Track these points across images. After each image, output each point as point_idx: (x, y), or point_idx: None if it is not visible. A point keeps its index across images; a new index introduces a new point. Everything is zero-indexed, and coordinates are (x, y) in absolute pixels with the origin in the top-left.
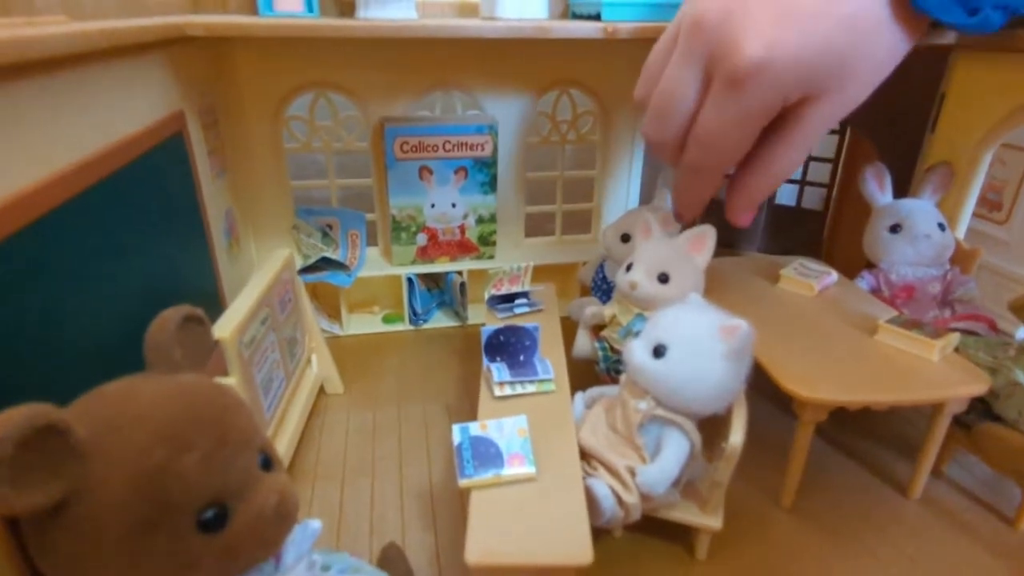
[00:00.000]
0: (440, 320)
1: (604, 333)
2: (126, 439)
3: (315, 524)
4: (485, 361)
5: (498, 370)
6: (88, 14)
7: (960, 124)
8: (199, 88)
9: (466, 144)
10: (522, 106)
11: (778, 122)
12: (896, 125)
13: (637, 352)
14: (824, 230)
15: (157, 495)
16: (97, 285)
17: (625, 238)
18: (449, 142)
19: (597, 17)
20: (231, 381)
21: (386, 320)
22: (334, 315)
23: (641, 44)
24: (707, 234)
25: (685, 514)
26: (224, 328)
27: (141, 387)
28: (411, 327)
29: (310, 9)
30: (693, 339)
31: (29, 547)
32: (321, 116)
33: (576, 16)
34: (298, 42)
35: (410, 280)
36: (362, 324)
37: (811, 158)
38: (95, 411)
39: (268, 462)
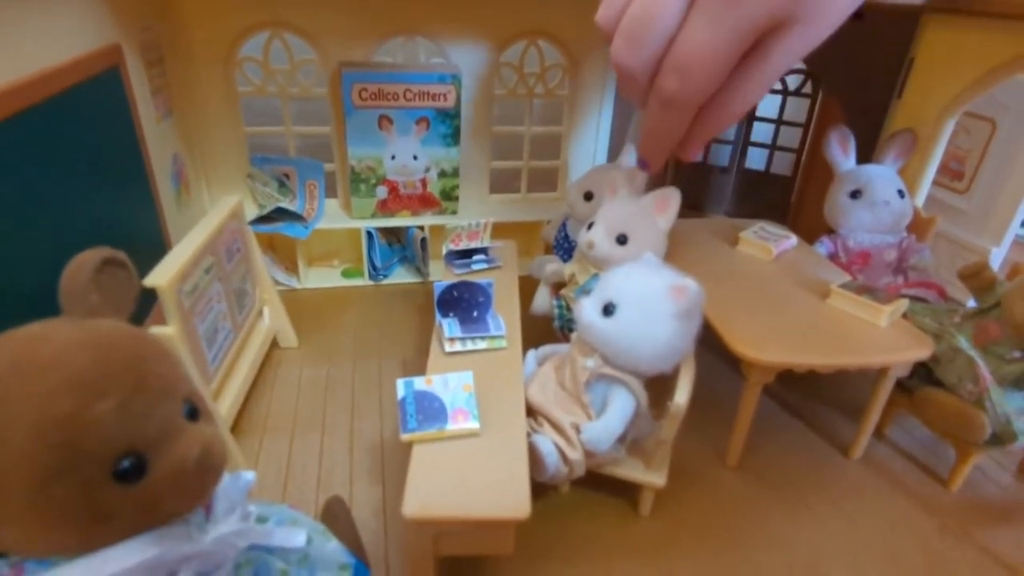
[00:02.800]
0: (401, 276)
1: (563, 292)
2: (31, 385)
3: (248, 476)
4: (438, 316)
5: (449, 326)
6: None
7: (927, 89)
8: (140, 21)
9: (428, 93)
10: (488, 56)
11: (743, 57)
12: (865, 90)
13: (587, 310)
14: (792, 195)
15: (67, 444)
16: (17, 227)
17: (588, 196)
18: (410, 91)
19: None
20: (169, 331)
21: (345, 274)
22: (291, 268)
23: None
24: (672, 196)
25: (630, 471)
26: (161, 276)
27: (52, 332)
28: (371, 282)
29: None
30: (643, 298)
31: None
32: (278, 60)
33: None
34: None
35: (370, 234)
36: (320, 278)
37: (782, 122)
38: None
39: (194, 412)
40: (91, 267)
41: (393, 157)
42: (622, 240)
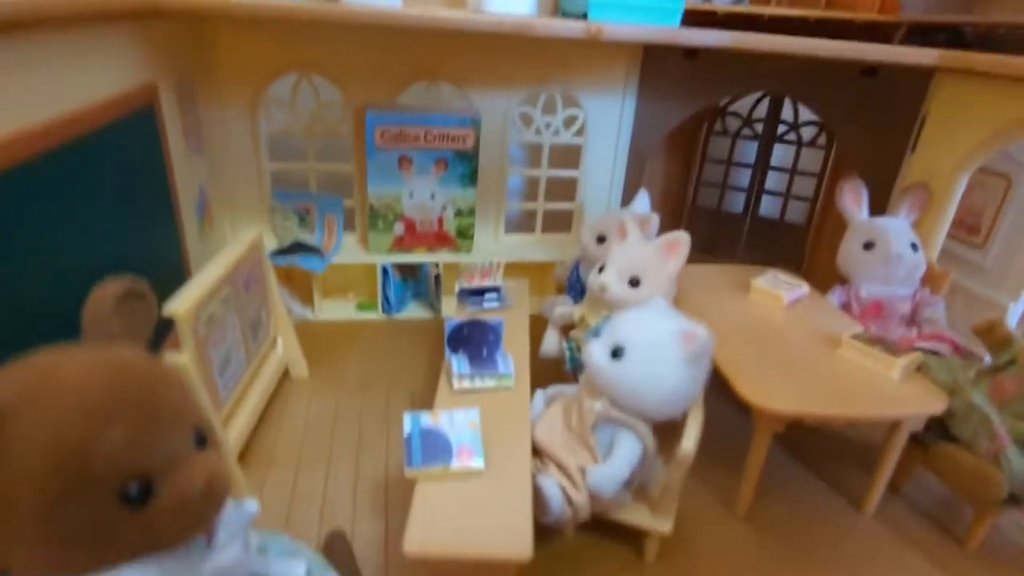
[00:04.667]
0: (414, 310)
1: (573, 333)
2: (45, 411)
3: (251, 506)
4: (447, 353)
5: (458, 363)
6: None
7: (939, 145)
8: (176, 62)
9: (447, 136)
10: (508, 102)
11: None
12: (879, 143)
13: (595, 352)
14: (806, 243)
15: (76, 468)
16: (48, 252)
17: (601, 239)
18: (430, 133)
19: (585, 16)
20: (183, 359)
21: (359, 307)
22: (307, 299)
23: (628, 49)
24: (681, 240)
25: (635, 516)
26: (179, 305)
27: (68, 359)
28: (384, 316)
29: None
30: (652, 343)
31: None
32: (303, 99)
33: (566, 14)
34: (281, 22)
35: (385, 269)
36: (335, 310)
37: (796, 172)
38: (17, 381)
39: (203, 440)
40: (114, 297)
41: (411, 195)
42: (635, 283)
